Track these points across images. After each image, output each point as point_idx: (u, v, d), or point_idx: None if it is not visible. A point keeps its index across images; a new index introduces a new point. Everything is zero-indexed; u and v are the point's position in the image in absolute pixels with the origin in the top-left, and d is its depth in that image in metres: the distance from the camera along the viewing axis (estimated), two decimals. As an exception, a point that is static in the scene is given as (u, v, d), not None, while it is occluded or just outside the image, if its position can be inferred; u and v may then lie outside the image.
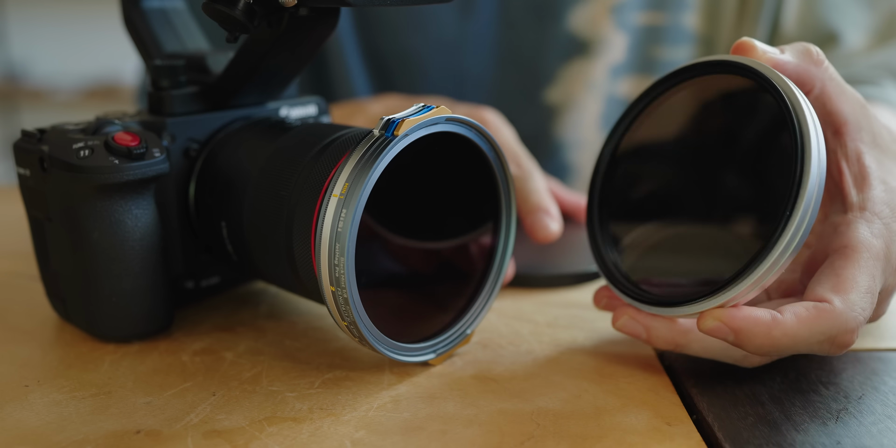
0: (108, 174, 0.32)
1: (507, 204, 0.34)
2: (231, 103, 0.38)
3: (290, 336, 0.36)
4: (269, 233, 0.33)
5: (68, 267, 0.34)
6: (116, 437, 0.28)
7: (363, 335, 0.30)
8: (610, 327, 0.37)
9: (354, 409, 0.30)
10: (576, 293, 0.42)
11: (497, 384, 0.32)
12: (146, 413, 0.29)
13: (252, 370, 0.33)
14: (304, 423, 0.29)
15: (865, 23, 0.61)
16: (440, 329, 0.34)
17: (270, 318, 0.38)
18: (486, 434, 0.28)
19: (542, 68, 0.64)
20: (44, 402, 0.30)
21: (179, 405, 0.30)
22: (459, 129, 0.31)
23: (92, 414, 0.29)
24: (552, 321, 0.38)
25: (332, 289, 0.29)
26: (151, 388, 0.31)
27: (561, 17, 0.62)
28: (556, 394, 0.31)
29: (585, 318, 0.39)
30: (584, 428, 0.28)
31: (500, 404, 0.30)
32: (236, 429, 0.28)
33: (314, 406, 0.30)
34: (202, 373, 0.33)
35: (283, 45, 0.34)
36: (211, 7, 0.30)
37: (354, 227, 0.28)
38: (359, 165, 0.28)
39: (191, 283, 0.39)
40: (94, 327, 0.35)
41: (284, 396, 0.31)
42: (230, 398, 0.30)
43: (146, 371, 0.33)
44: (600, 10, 0.62)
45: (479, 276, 0.35)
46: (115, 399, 0.30)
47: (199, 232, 0.37)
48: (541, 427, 0.28)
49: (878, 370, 0.33)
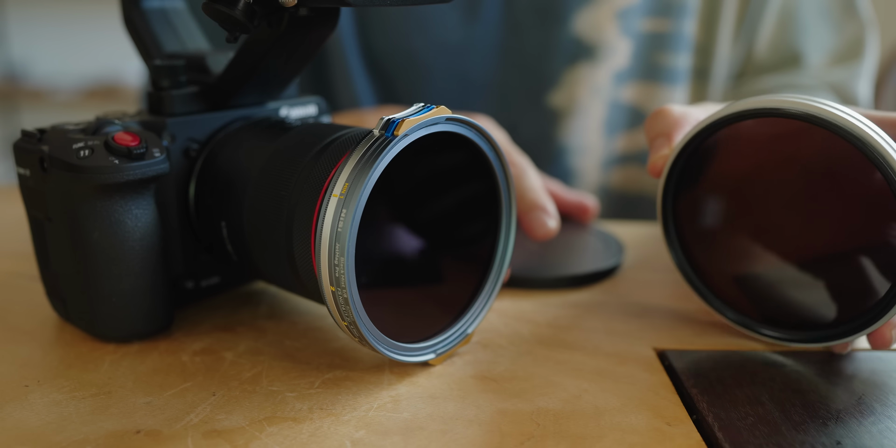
0: (108, 174, 0.32)
1: (507, 204, 0.34)
2: (231, 103, 0.38)
3: (290, 336, 0.36)
4: (269, 233, 0.33)
5: (68, 267, 0.34)
6: (116, 437, 0.28)
7: (363, 335, 0.30)
8: (610, 327, 0.38)
9: (354, 409, 0.30)
10: (576, 293, 0.42)
11: (497, 384, 0.32)
12: (146, 413, 0.29)
13: (252, 370, 0.33)
14: (304, 423, 0.29)
15: (828, 45, 0.64)
16: (440, 329, 0.34)
17: (270, 318, 0.38)
18: (486, 434, 0.28)
19: (546, 72, 0.64)
20: (44, 402, 0.30)
21: (179, 405, 0.30)
22: (459, 129, 0.31)
23: (92, 414, 0.29)
24: (552, 321, 0.38)
25: (332, 289, 0.29)
26: (151, 388, 0.31)
27: (566, 21, 0.62)
28: (556, 394, 0.31)
29: (585, 318, 0.39)
30: (584, 428, 0.28)
31: (500, 404, 0.30)
32: (236, 429, 0.28)
33: (314, 406, 0.30)
34: (202, 373, 0.33)
35: (283, 45, 0.34)
36: (211, 7, 0.30)
37: (354, 227, 0.28)
38: (359, 165, 0.28)
39: (191, 283, 0.39)
40: (94, 327, 0.35)
41: (284, 396, 0.31)
42: (230, 398, 0.30)
43: (146, 371, 0.33)
44: (605, 15, 0.62)
45: (480, 275, 0.35)
46: (115, 399, 0.30)
47: (198, 232, 0.37)
48: (541, 427, 0.28)
49: (878, 370, 0.33)
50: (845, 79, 0.63)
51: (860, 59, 0.64)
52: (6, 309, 0.39)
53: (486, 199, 0.35)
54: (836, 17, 0.64)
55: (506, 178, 0.34)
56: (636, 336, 0.37)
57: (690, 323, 0.38)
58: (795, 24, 0.64)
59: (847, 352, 0.35)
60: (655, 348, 0.35)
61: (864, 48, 0.64)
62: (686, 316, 0.39)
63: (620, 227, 0.55)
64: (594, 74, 0.63)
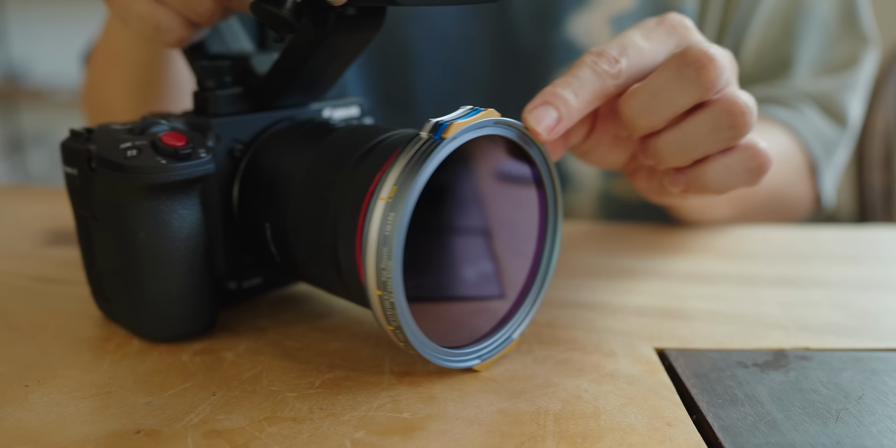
0: (156, 174, 0.32)
1: (553, 207, 0.34)
2: (275, 104, 0.38)
3: (290, 336, 0.36)
4: (314, 235, 0.32)
5: (114, 266, 0.34)
6: (116, 437, 0.28)
7: (409, 340, 0.29)
8: (610, 327, 0.38)
9: (354, 409, 0.30)
10: (576, 293, 0.42)
11: (497, 384, 0.32)
12: (146, 413, 0.29)
13: (252, 370, 0.33)
14: (304, 423, 0.29)
15: (820, 57, 0.63)
16: (485, 334, 0.33)
17: (270, 318, 0.38)
18: (486, 434, 0.28)
19: (540, 72, 0.64)
20: (44, 402, 0.30)
21: (179, 405, 0.30)
22: (508, 133, 0.31)
23: (92, 414, 0.29)
24: (552, 321, 0.38)
25: (379, 293, 0.28)
26: (151, 388, 0.31)
27: (560, 24, 0.62)
28: (556, 394, 0.31)
29: (585, 318, 0.39)
30: (584, 428, 0.28)
31: (500, 404, 0.30)
32: (236, 429, 0.28)
33: (314, 406, 0.30)
34: (202, 373, 0.33)
35: (329, 45, 0.33)
36: (259, 7, 0.30)
37: (402, 230, 0.27)
38: (407, 168, 0.28)
39: (233, 283, 0.38)
40: (140, 327, 0.35)
41: (284, 396, 0.31)
42: (230, 398, 0.30)
43: (146, 371, 0.33)
44: (600, 20, 0.62)
45: (525, 280, 0.35)
46: (115, 399, 0.30)
47: (242, 233, 0.37)
48: (541, 427, 0.28)
49: (878, 370, 0.33)
50: (832, 89, 0.61)
51: (852, 70, 0.62)
52: (6, 309, 0.39)
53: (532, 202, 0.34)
54: (833, 29, 0.62)
55: (552, 182, 0.33)
56: (636, 336, 0.37)
57: (690, 323, 0.38)
58: (788, 33, 0.62)
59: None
60: (655, 348, 0.35)
61: (860, 63, 0.62)
62: (686, 316, 0.39)
63: (621, 227, 0.55)
64: None
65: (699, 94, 0.33)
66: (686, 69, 0.32)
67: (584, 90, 0.33)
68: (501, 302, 0.35)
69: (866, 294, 0.42)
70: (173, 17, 0.37)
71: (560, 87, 0.33)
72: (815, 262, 0.48)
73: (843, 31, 0.63)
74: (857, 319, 0.39)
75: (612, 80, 0.34)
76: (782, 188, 0.59)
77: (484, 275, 0.35)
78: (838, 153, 0.63)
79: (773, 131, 0.58)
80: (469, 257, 0.35)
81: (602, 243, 0.51)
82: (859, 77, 0.63)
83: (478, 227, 0.35)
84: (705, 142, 0.34)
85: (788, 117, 0.60)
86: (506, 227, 0.35)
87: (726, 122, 0.33)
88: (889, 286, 0.44)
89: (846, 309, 0.40)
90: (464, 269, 0.35)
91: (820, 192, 0.62)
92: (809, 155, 0.60)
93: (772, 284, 0.44)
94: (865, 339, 0.37)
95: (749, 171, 0.35)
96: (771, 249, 0.50)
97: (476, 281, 0.35)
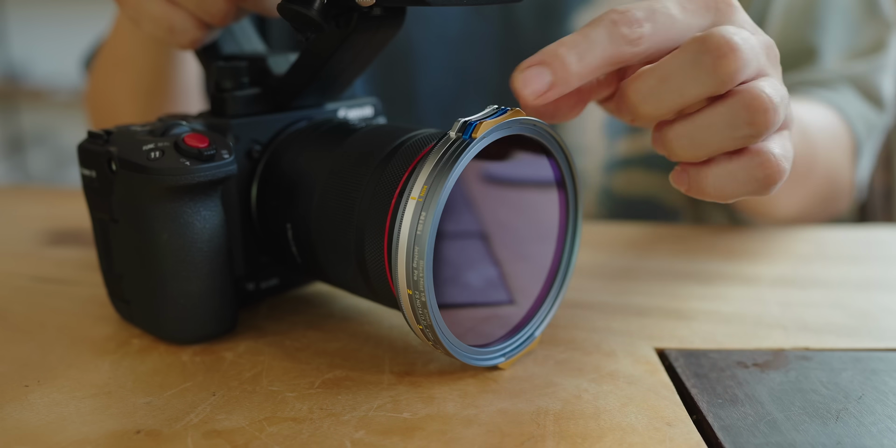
0: (180, 176, 0.32)
1: (573, 205, 0.34)
2: (291, 105, 0.37)
3: (290, 336, 0.36)
4: (338, 235, 0.32)
5: (134, 268, 0.34)
6: (116, 437, 0.28)
7: (438, 338, 0.29)
8: (610, 327, 0.38)
9: (354, 409, 0.30)
10: (576, 293, 0.42)
11: (497, 384, 0.32)
12: (146, 413, 0.29)
13: (252, 370, 0.33)
14: (304, 423, 0.29)
15: (847, 43, 0.62)
16: (509, 332, 0.33)
17: (270, 318, 0.38)
18: (486, 434, 0.28)
19: None
20: (44, 402, 0.30)
21: (179, 405, 0.30)
22: (533, 133, 0.31)
23: (92, 414, 0.29)
24: (552, 321, 0.38)
25: (410, 292, 0.28)
26: (151, 388, 0.31)
27: (565, 21, 0.62)
28: (556, 394, 0.31)
29: (585, 318, 0.39)
30: (584, 428, 0.28)
31: (500, 404, 0.30)
32: (236, 429, 0.28)
33: (314, 406, 0.30)
34: (202, 373, 0.33)
35: (351, 45, 0.33)
36: (286, 7, 0.30)
37: (434, 229, 0.28)
38: (437, 168, 0.28)
39: (251, 284, 0.38)
40: (160, 329, 0.35)
41: (284, 396, 0.31)
42: (230, 398, 0.30)
43: (146, 371, 0.33)
44: None
45: (547, 276, 0.35)
46: (115, 399, 0.30)
47: (260, 233, 0.37)
48: (541, 427, 0.28)
49: (878, 370, 0.33)
50: (865, 71, 0.60)
51: (882, 53, 0.61)
52: (6, 309, 0.39)
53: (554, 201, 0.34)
54: (856, 16, 0.62)
55: (573, 180, 0.33)
56: (636, 336, 0.37)
57: (690, 323, 0.38)
58: (810, 21, 0.62)
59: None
60: (655, 348, 0.35)
61: (887, 46, 0.61)
62: (686, 316, 0.39)
63: (621, 228, 0.55)
64: None
65: (713, 86, 0.29)
66: (703, 56, 0.28)
67: (591, 54, 0.30)
68: (524, 299, 0.34)
69: (866, 294, 0.42)
70: (187, 18, 0.37)
71: (564, 47, 0.30)
72: (815, 262, 0.48)
73: (866, 17, 0.62)
74: (857, 319, 0.39)
75: (628, 46, 0.30)
76: (836, 172, 0.57)
77: (490, 281, 0.35)
78: (876, 136, 0.62)
79: (820, 110, 0.57)
80: (472, 263, 0.35)
81: (602, 243, 0.51)
82: (888, 59, 0.61)
83: (476, 231, 0.35)
84: (719, 138, 0.30)
85: (832, 96, 0.58)
86: (506, 230, 0.35)
87: (744, 118, 0.29)
88: (889, 286, 0.44)
89: (846, 309, 0.40)
90: (469, 276, 0.35)
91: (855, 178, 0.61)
92: (854, 136, 0.59)
93: (772, 284, 0.44)
94: (865, 339, 0.37)
95: (755, 181, 0.30)
96: (771, 249, 0.50)
97: (483, 287, 0.35)
